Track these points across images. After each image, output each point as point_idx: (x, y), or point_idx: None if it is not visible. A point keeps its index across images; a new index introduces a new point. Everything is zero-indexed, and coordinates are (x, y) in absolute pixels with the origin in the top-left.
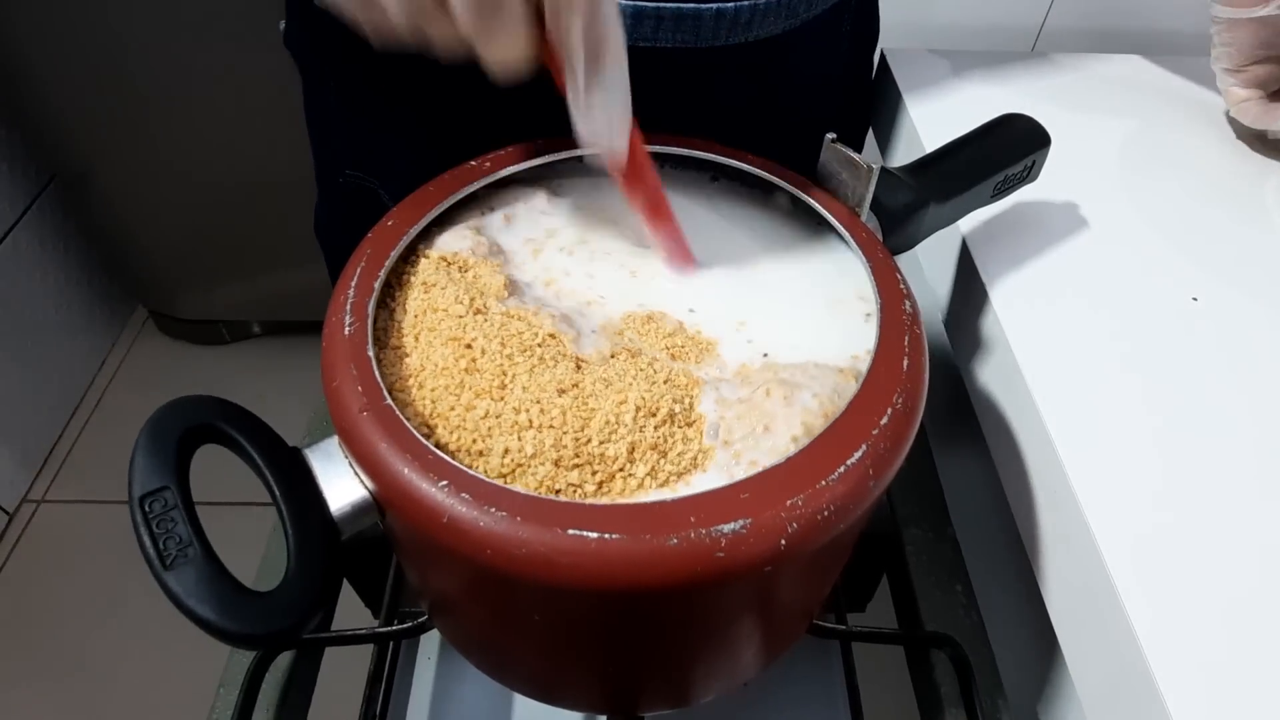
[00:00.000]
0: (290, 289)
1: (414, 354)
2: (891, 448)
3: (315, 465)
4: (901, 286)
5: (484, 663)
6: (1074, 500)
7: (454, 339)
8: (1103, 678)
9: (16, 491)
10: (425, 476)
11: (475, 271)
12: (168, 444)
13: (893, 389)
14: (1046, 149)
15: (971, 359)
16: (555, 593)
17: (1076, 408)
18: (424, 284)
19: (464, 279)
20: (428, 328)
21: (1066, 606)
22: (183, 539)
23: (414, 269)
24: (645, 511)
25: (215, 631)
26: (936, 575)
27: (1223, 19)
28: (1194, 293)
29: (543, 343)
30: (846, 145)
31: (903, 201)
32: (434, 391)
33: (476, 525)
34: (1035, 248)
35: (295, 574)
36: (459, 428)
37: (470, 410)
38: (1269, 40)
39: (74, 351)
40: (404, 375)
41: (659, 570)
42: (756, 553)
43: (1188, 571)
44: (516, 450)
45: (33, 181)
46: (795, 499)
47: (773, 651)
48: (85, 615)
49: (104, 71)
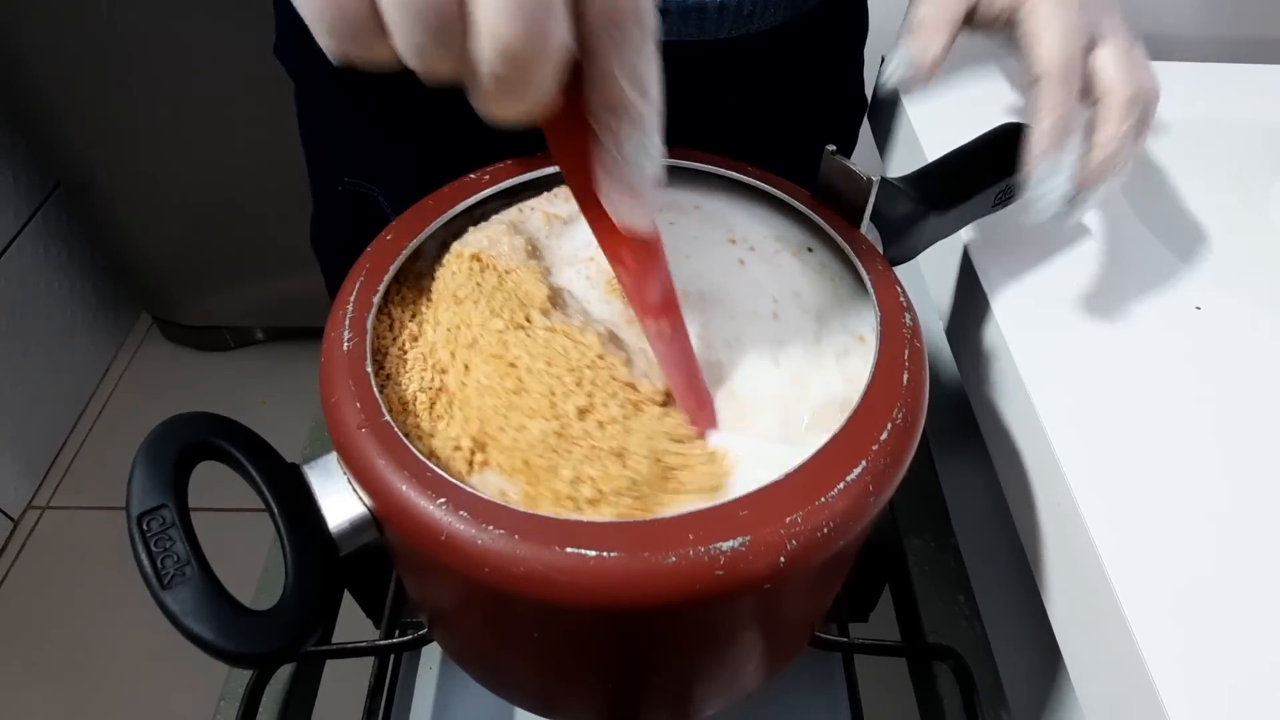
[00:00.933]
0: (294, 294)
1: (451, 370)
2: (892, 463)
3: (314, 482)
4: (902, 299)
5: (484, 677)
6: (1077, 511)
7: (496, 356)
8: (1107, 691)
9: (21, 498)
10: (423, 494)
11: (516, 277)
12: (165, 461)
13: (893, 404)
14: None
15: (974, 369)
16: (554, 610)
17: (1079, 417)
18: (454, 296)
19: (501, 287)
20: (464, 344)
21: (1070, 618)
22: (180, 557)
23: (442, 271)
24: (643, 529)
25: (213, 651)
26: (939, 586)
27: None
28: (1197, 301)
29: (591, 364)
30: (844, 156)
31: (902, 212)
32: (480, 410)
33: (474, 543)
34: (1037, 257)
35: (293, 592)
36: (511, 449)
37: (521, 431)
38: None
39: (78, 358)
40: (442, 389)
41: (657, 588)
42: (756, 570)
43: (1193, 584)
44: (591, 481)
45: (37, 189)
46: (794, 516)
47: (774, 666)
48: (89, 622)
49: (108, 79)
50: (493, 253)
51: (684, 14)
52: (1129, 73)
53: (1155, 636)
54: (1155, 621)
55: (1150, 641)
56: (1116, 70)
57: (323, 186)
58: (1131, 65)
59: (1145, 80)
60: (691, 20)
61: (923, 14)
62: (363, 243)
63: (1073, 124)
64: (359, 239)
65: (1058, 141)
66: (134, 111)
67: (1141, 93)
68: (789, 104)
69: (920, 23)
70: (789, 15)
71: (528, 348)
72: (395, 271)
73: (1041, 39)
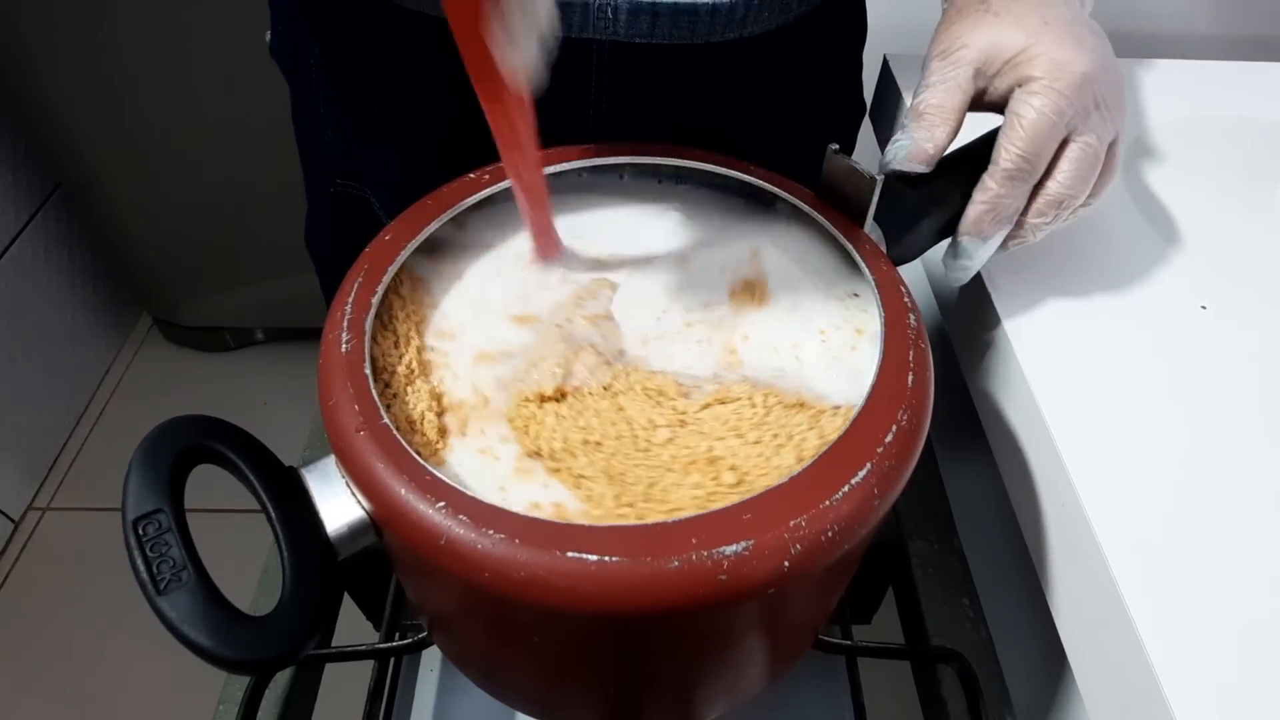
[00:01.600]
0: (294, 295)
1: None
2: (896, 465)
3: (312, 485)
4: (906, 300)
5: (484, 681)
6: (1082, 512)
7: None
8: (1112, 694)
9: (22, 499)
10: (423, 497)
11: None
12: (161, 466)
13: (897, 406)
14: None
15: (977, 369)
16: (555, 615)
17: (1084, 418)
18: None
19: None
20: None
21: (1075, 621)
22: (176, 562)
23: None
24: (646, 533)
25: (209, 657)
26: (943, 589)
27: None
28: (1202, 300)
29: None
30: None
31: (906, 210)
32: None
33: (474, 547)
34: (1041, 256)
35: (291, 597)
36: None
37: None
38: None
39: (78, 358)
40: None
41: (660, 593)
42: (759, 575)
43: (1198, 585)
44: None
45: (37, 189)
46: (798, 520)
47: (777, 669)
48: (89, 623)
49: (108, 80)
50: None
51: (675, 16)
52: (1074, 177)
53: (1161, 639)
54: (1161, 624)
55: (1156, 644)
56: (1065, 172)
57: (316, 188)
58: (1084, 170)
59: (1085, 188)
60: (683, 23)
61: (928, 101)
62: (354, 244)
63: (1005, 213)
64: (351, 240)
65: (982, 230)
66: (134, 112)
67: (1070, 198)
68: (787, 107)
69: (925, 111)
70: (782, 19)
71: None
72: (394, 273)
73: (1014, 132)
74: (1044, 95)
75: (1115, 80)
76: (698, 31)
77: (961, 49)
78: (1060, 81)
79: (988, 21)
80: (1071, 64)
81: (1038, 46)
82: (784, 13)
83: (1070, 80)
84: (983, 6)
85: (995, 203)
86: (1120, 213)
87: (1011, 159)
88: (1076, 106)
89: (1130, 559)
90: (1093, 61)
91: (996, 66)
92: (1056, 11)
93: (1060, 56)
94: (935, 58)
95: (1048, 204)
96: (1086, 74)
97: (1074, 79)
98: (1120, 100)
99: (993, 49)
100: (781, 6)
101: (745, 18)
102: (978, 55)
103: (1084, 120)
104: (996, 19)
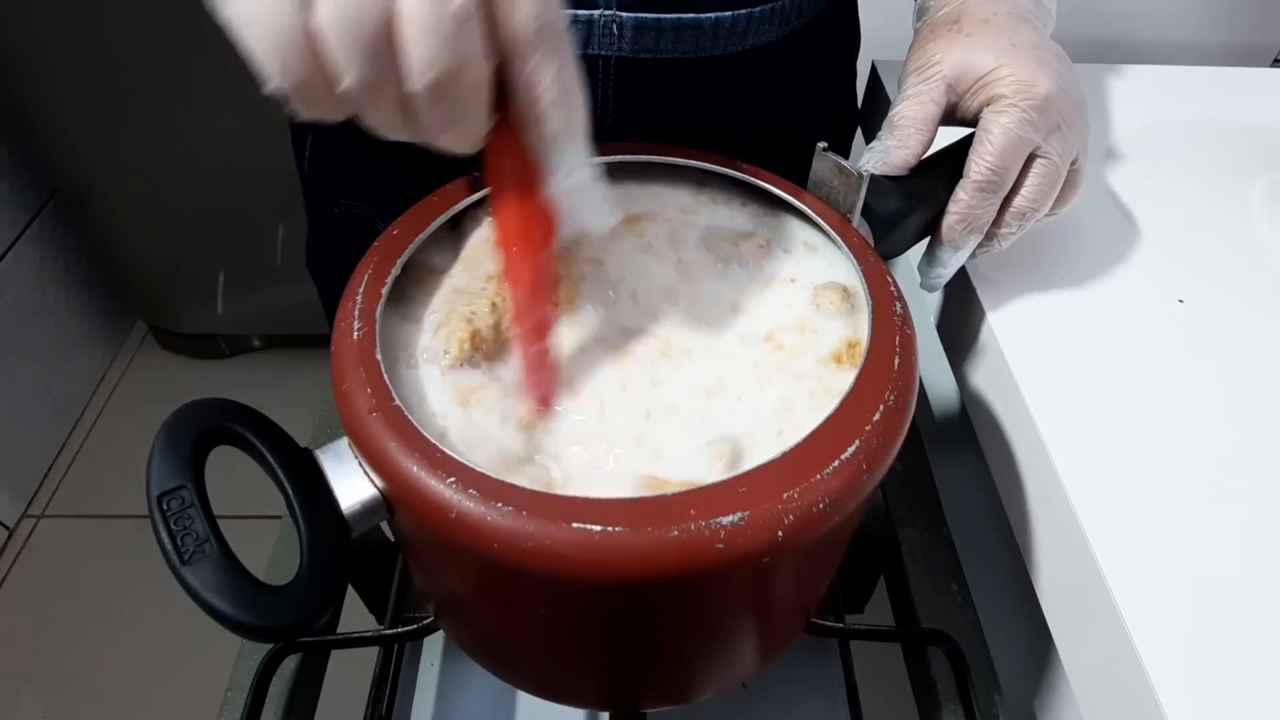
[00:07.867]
0: (289, 303)
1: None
2: (884, 443)
3: (326, 465)
4: (892, 289)
5: (488, 660)
6: (1066, 499)
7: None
8: (1096, 671)
9: (17, 507)
10: (433, 473)
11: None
12: (184, 444)
13: (885, 386)
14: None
15: (964, 362)
16: (560, 585)
17: (1067, 408)
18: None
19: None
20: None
21: (1060, 602)
22: (200, 535)
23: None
24: (647, 505)
25: (232, 625)
26: (933, 575)
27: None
28: (1180, 295)
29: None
30: (837, 153)
31: (893, 207)
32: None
33: (484, 520)
34: (1025, 254)
35: (308, 569)
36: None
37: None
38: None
39: (74, 366)
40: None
41: (660, 561)
42: (755, 544)
43: (1178, 567)
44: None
45: (33, 198)
46: (791, 492)
47: (772, 648)
48: (86, 629)
49: (105, 88)
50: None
51: (678, 31)
52: (1038, 191)
53: (1143, 618)
54: (1142, 603)
55: (1138, 623)
56: (1030, 187)
57: (318, 209)
58: (1046, 185)
59: (1047, 202)
60: (686, 37)
61: (903, 113)
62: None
63: (977, 223)
64: (355, 261)
65: (955, 239)
66: (130, 120)
67: (1033, 211)
68: (783, 116)
69: (900, 122)
70: (782, 31)
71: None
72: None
73: (983, 147)
74: (1010, 114)
75: (1076, 100)
76: (701, 45)
77: (936, 65)
78: (1026, 100)
79: (960, 41)
80: (1036, 85)
81: (1006, 68)
82: (783, 25)
83: (1034, 100)
84: (955, 27)
85: (967, 213)
86: (1101, 212)
87: (982, 172)
88: (1040, 125)
89: (1111, 541)
90: (1054, 82)
91: (968, 84)
92: (1023, 35)
93: (1025, 77)
94: (912, 73)
95: (1013, 216)
96: (1049, 94)
97: (1038, 99)
98: (1081, 121)
99: (965, 67)
100: (781, 19)
101: (747, 31)
102: (951, 72)
103: (1047, 139)
104: (969, 39)
